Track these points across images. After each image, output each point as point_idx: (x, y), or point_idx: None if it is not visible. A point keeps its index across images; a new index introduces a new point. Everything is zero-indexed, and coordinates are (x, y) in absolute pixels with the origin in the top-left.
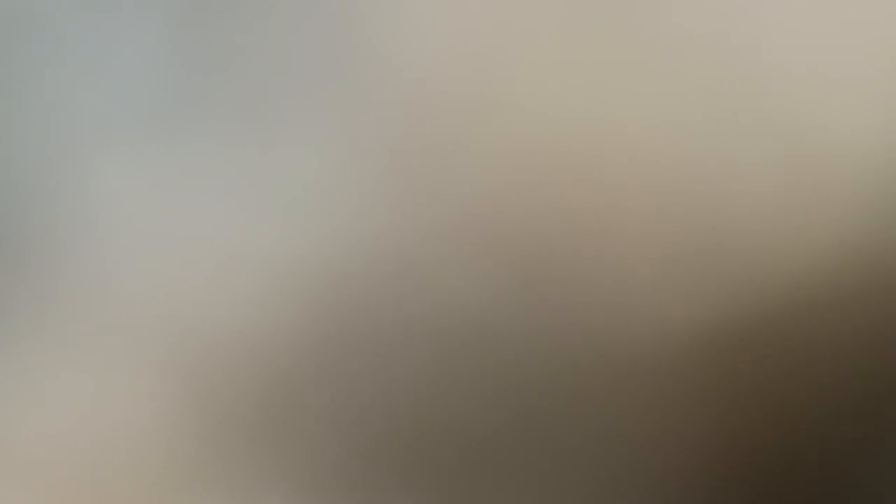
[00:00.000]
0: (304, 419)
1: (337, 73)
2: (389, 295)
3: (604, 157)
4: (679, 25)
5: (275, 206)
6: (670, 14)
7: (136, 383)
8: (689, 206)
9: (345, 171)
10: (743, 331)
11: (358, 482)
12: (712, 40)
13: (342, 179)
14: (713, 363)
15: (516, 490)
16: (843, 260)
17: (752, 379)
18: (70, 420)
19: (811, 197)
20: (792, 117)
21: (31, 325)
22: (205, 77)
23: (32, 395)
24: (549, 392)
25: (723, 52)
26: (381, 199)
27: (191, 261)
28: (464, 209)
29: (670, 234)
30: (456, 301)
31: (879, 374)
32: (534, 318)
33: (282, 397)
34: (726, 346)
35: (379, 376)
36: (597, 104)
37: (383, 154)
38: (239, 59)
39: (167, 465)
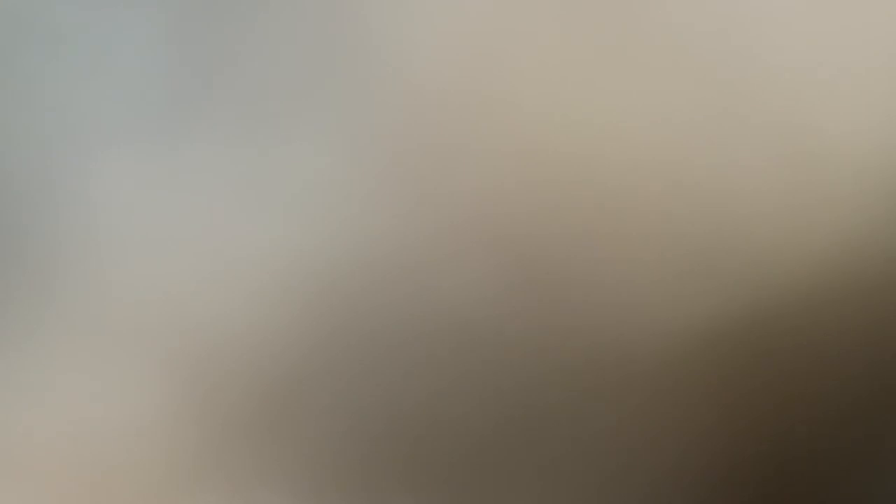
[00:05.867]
0: (304, 419)
1: (337, 73)
2: (389, 295)
3: (603, 157)
4: (679, 25)
5: (275, 206)
6: (670, 14)
7: (136, 383)
8: (689, 206)
9: (345, 171)
10: (743, 331)
11: (358, 482)
12: (712, 40)
13: (342, 179)
14: (713, 363)
15: (516, 490)
16: (843, 260)
17: (753, 379)
18: (70, 420)
19: (811, 197)
20: (792, 117)
21: (31, 325)
22: (205, 77)
23: (32, 395)
24: (548, 392)
25: (722, 52)
26: (382, 199)
27: (191, 261)
28: (464, 209)
29: (670, 233)
30: (456, 301)
31: (880, 373)
32: (534, 318)
33: (282, 397)
34: (726, 346)
35: (379, 376)
36: (597, 104)
37: (383, 154)
38: (239, 59)
39: (167, 465)
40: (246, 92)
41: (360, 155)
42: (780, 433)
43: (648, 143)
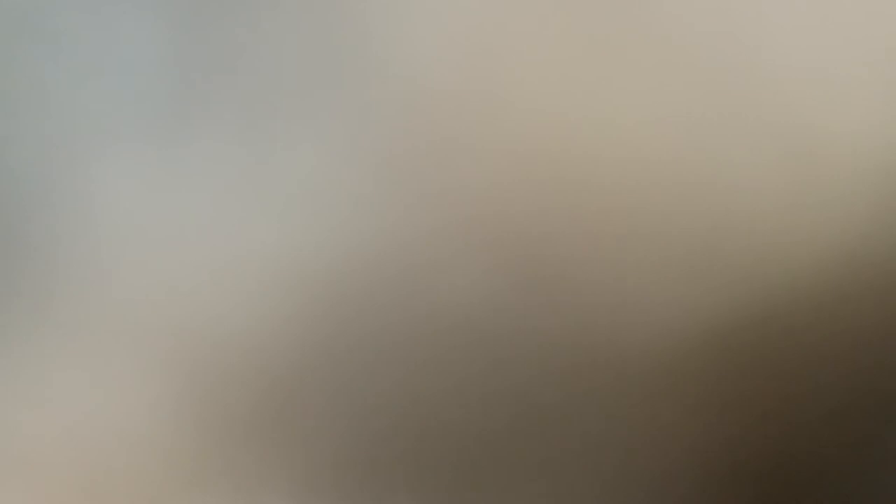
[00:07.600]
0: (304, 419)
1: (337, 73)
2: (389, 295)
3: (604, 157)
4: (679, 25)
5: (274, 206)
6: (670, 13)
7: (136, 383)
8: (689, 205)
9: (344, 171)
10: (743, 331)
11: (358, 482)
12: (712, 39)
13: (342, 179)
14: (713, 363)
15: (516, 490)
16: (843, 259)
17: (752, 379)
18: (70, 420)
19: (811, 196)
20: (792, 117)
21: (31, 324)
22: (204, 77)
23: (32, 394)
24: (548, 392)
25: (723, 51)
26: (381, 199)
27: (190, 260)
28: (464, 209)
29: (670, 233)
30: (456, 301)
31: (879, 373)
32: (534, 318)
33: (282, 397)
34: (726, 346)
35: (379, 376)
36: (597, 104)
37: (383, 154)
38: (239, 59)
39: (167, 465)
40: (246, 92)
41: (360, 155)
42: (780, 433)
43: (649, 143)
